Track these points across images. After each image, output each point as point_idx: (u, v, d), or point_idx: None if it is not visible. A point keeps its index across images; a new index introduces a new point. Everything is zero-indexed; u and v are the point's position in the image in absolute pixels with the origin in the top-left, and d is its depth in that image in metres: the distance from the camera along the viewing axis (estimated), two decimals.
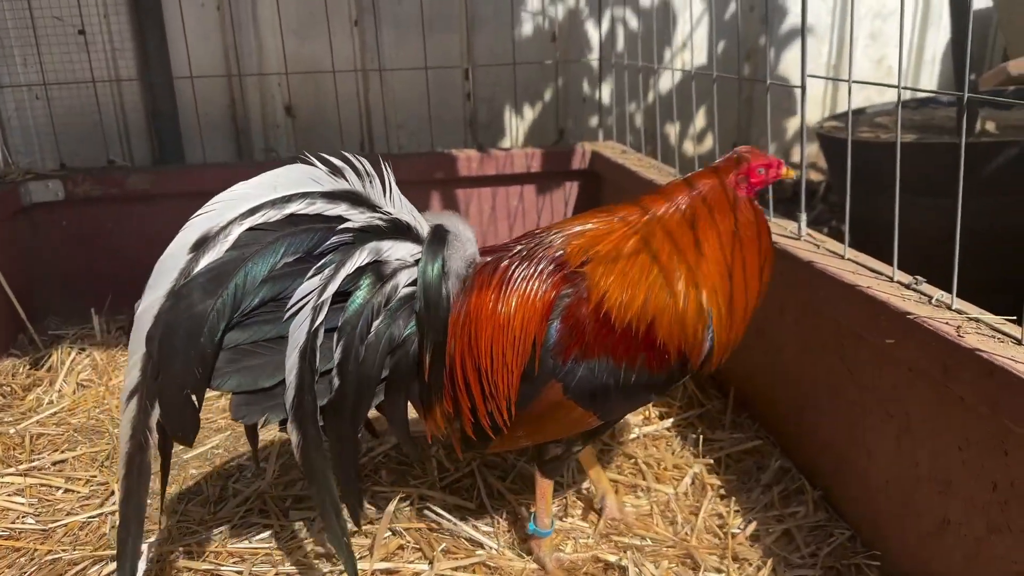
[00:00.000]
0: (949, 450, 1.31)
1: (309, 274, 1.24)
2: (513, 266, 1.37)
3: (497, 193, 3.09)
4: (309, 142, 3.54)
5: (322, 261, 1.26)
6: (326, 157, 1.32)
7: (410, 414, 1.41)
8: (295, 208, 1.24)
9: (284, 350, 1.23)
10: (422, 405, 1.40)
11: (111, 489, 1.81)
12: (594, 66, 3.59)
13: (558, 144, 3.57)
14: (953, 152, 1.37)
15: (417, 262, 1.33)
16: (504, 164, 3.02)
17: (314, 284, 1.24)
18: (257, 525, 1.68)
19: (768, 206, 1.89)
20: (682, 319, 1.33)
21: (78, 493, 1.81)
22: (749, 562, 1.54)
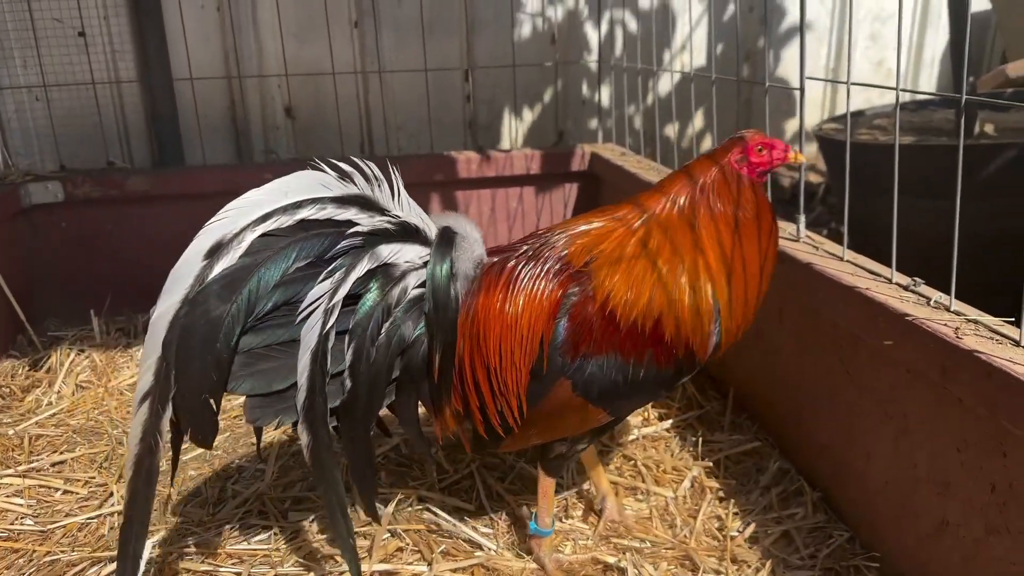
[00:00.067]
0: (947, 451, 1.32)
1: (320, 278, 1.26)
2: (520, 266, 1.39)
3: (497, 195, 3.09)
4: (309, 144, 3.54)
5: (333, 265, 1.28)
6: (335, 162, 1.34)
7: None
8: (306, 213, 1.26)
9: (296, 353, 1.24)
10: (432, 404, 1.41)
11: (110, 490, 1.81)
12: (593, 68, 3.59)
13: (557, 146, 3.57)
14: (952, 154, 1.37)
15: (426, 264, 1.35)
16: (504, 166, 3.02)
17: (325, 288, 1.26)
18: (256, 526, 1.68)
19: None
20: (688, 314, 1.34)
21: (77, 494, 1.81)
22: (748, 564, 1.54)
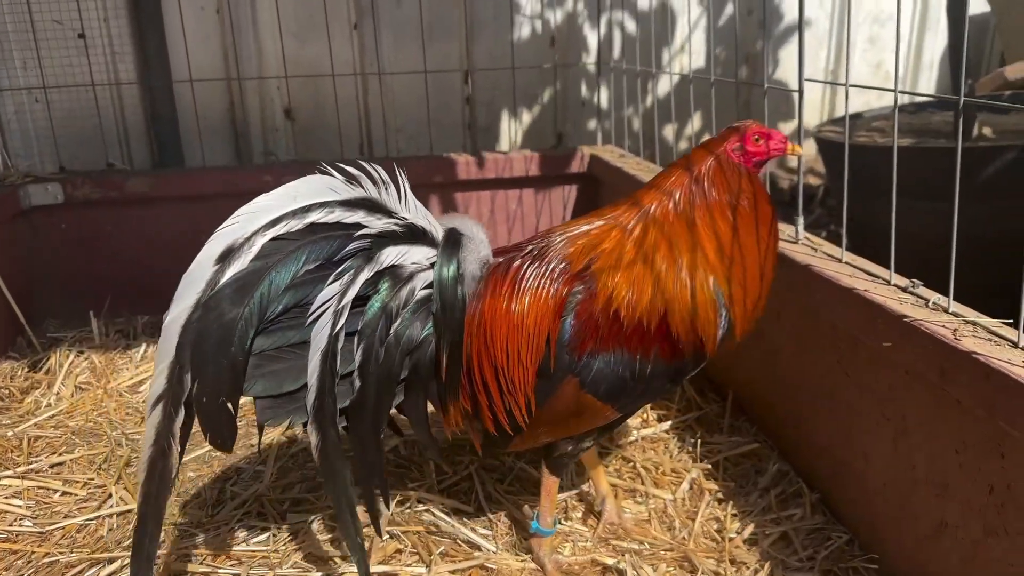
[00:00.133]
0: (946, 453, 1.32)
1: (330, 280, 1.28)
2: (525, 266, 1.40)
3: (496, 196, 3.09)
4: (308, 146, 3.55)
5: (342, 267, 1.29)
6: (342, 166, 1.36)
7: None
8: (315, 217, 1.28)
9: (307, 354, 1.26)
10: (441, 404, 1.42)
11: (108, 492, 1.81)
12: (592, 70, 3.60)
13: (556, 148, 3.58)
14: (950, 156, 1.37)
15: (433, 265, 1.36)
16: (503, 168, 3.02)
17: (334, 290, 1.27)
18: (255, 528, 1.68)
19: None
20: (692, 308, 1.34)
21: (76, 496, 1.81)
22: (747, 565, 1.54)
